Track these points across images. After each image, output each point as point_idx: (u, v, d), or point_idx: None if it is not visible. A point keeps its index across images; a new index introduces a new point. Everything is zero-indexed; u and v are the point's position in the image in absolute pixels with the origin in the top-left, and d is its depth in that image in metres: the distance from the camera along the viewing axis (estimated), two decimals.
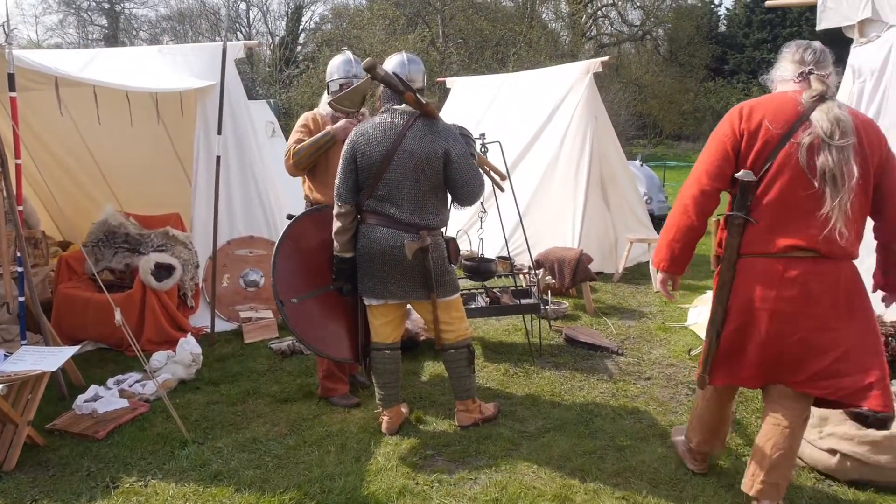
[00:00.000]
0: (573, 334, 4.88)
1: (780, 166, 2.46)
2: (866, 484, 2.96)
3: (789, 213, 2.47)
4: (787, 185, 2.45)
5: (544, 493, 2.91)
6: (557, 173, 6.90)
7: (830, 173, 2.38)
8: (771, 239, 2.50)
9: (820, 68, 2.57)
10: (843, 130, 2.38)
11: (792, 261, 2.48)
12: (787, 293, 2.48)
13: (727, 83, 29.87)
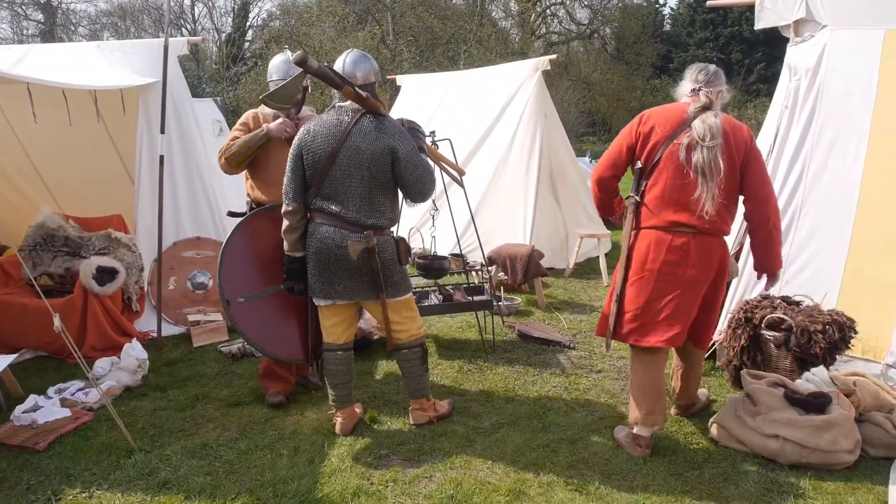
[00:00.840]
0: (526, 330, 4.93)
1: (665, 161, 3.11)
2: (806, 467, 3.07)
3: (673, 196, 3.11)
4: (670, 175, 3.10)
5: (499, 488, 2.93)
6: (508, 170, 6.96)
7: (702, 167, 3.02)
8: (661, 215, 3.14)
9: (710, 86, 3.18)
10: (713, 134, 3.01)
11: (678, 234, 3.11)
12: (672, 257, 3.11)
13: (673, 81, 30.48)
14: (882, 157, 4.36)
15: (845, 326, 3.67)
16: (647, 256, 3.15)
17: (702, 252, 3.10)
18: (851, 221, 4.39)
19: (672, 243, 3.11)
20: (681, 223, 3.09)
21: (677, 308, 3.12)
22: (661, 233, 3.13)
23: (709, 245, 3.12)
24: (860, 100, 4.50)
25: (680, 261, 3.10)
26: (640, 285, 3.17)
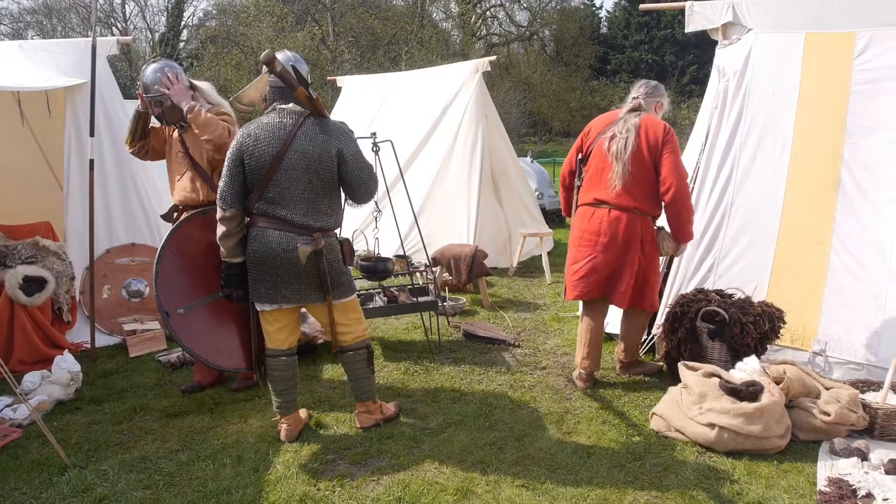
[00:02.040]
0: (471, 329, 4.96)
1: (595, 151, 3.95)
2: (742, 453, 3.20)
3: (596, 178, 3.93)
4: (597, 162, 3.94)
5: (447, 487, 2.94)
6: (450, 171, 6.99)
7: (615, 152, 3.81)
8: (588, 194, 3.96)
9: (650, 97, 4.00)
10: (628, 129, 3.81)
11: (597, 209, 3.89)
12: (590, 227, 3.90)
13: (610, 82, 31.37)
14: (805, 154, 4.58)
15: (775, 317, 3.83)
16: (578, 227, 3.99)
17: (612, 224, 3.84)
18: (779, 216, 4.59)
19: (593, 216, 3.90)
20: (600, 200, 3.88)
21: (591, 269, 3.90)
22: (587, 207, 3.96)
23: (619, 218, 3.82)
24: (784, 99, 4.71)
25: (596, 230, 3.88)
26: (572, 251, 4.05)
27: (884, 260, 4.21)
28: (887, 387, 3.42)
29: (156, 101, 3.77)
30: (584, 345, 4.03)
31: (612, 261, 3.87)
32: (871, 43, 4.47)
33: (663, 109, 4.16)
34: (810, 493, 2.87)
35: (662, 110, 4.16)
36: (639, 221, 3.84)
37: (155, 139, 3.99)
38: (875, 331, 4.09)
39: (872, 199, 4.33)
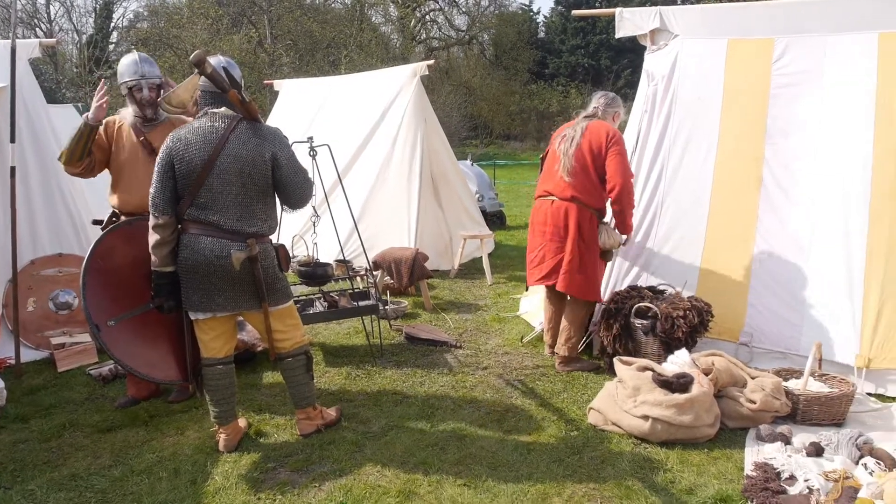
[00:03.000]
0: (413, 332, 4.98)
1: (551, 152, 4.41)
2: (674, 443, 3.32)
3: (547, 174, 4.40)
4: (549, 160, 4.40)
5: (389, 490, 2.95)
6: (391, 175, 6.99)
7: (563, 151, 4.23)
8: (540, 188, 4.46)
9: (608, 107, 4.45)
10: (575, 130, 4.27)
11: (546, 200, 4.33)
12: (538, 218, 4.37)
13: (548, 86, 31.91)
14: (729, 155, 4.78)
15: (703, 311, 3.99)
16: (531, 220, 4.48)
17: (555, 213, 4.25)
18: (706, 215, 4.78)
19: (540, 208, 4.37)
20: (548, 192, 4.33)
21: (543, 256, 4.33)
22: (538, 200, 4.43)
23: (560, 207, 4.24)
24: (709, 103, 4.91)
25: (543, 220, 4.32)
26: (529, 240, 4.50)
27: (803, 255, 4.44)
28: (807, 374, 3.60)
29: (154, 87, 3.66)
30: (546, 321, 4.61)
31: (558, 248, 4.25)
32: (787, 49, 4.71)
33: (620, 119, 4.61)
34: (738, 478, 3.00)
35: (619, 119, 4.60)
36: (578, 211, 4.18)
37: (98, 151, 3.70)
38: (796, 322, 4.31)
39: (792, 197, 4.56)
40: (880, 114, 4.35)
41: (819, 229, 4.43)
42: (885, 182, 4.25)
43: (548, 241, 4.30)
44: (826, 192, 4.44)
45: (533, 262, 4.42)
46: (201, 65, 2.91)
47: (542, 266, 4.34)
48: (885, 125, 4.32)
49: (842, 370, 3.99)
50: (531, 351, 4.75)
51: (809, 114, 4.59)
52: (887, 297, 4.07)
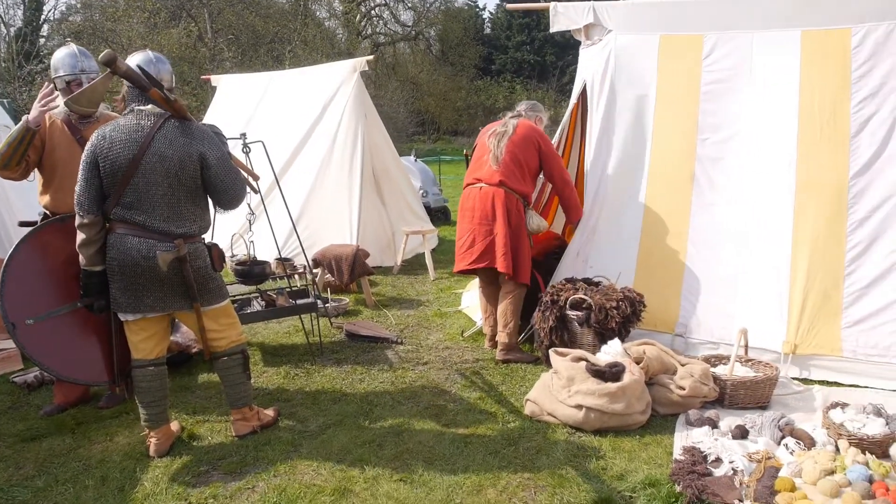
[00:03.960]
0: (354, 329, 4.94)
1: (478, 145, 4.67)
2: (607, 431, 3.39)
3: (476, 164, 4.59)
4: (478, 153, 4.64)
5: (324, 488, 2.92)
6: (331, 171, 6.92)
7: (492, 145, 4.47)
8: (469, 177, 4.61)
9: (531, 111, 4.78)
10: (505, 125, 4.53)
11: (474, 188, 4.51)
12: (466, 204, 4.54)
13: (495, 82, 32.14)
14: (663, 150, 4.90)
15: (636, 301, 4.09)
16: (460, 207, 4.62)
17: (483, 198, 4.42)
18: (641, 210, 4.89)
19: (469, 195, 4.54)
20: (477, 179, 4.51)
21: (472, 241, 4.46)
22: (467, 188, 4.60)
23: (487, 193, 4.41)
24: (644, 98, 5.01)
25: (471, 206, 4.48)
26: (457, 228, 4.65)
27: (734, 247, 4.58)
28: (733, 360, 3.73)
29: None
30: (484, 310, 4.72)
31: (488, 231, 4.41)
32: (716, 45, 4.85)
33: (542, 124, 4.83)
34: (667, 463, 3.09)
35: (542, 124, 4.83)
36: (505, 196, 4.37)
37: (33, 152, 3.52)
38: (728, 312, 4.44)
39: (723, 192, 4.70)
40: (803, 109, 4.52)
41: (748, 222, 4.58)
42: (808, 175, 4.43)
43: (476, 226, 4.43)
44: (754, 187, 4.60)
45: (462, 247, 4.53)
46: (112, 64, 2.81)
47: (472, 250, 4.46)
48: (808, 120, 4.50)
49: (772, 357, 4.14)
50: (472, 345, 4.78)
51: (739, 109, 4.74)
52: (811, 286, 4.25)
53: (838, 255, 4.27)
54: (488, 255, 4.42)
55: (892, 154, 4.30)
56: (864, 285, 4.17)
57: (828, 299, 4.19)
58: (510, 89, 30.38)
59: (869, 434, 3.14)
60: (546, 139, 4.59)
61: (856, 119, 4.41)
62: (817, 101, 4.49)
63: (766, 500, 2.76)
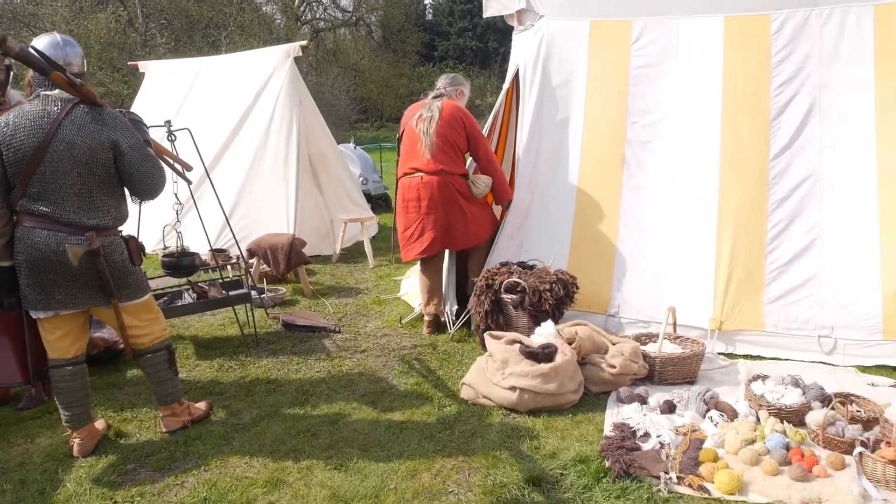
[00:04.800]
0: (290, 319, 4.87)
1: (407, 131, 4.63)
2: (541, 411, 3.44)
3: (410, 151, 4.57)
4: (409, 139, 4.60)
5: (256, 481, 2.88)
6: (266, 160, 6.77)
7: (423, 131, 4.46)
8: (405, 165, 4.62)
9: (451, 86, 4.73)
10: (431, 110, 4.51)
11: (414, 178, 4.52)
12: (410, 195, 4.54)
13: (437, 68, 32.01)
14: (595, 134, 4.98)
15: (569, 283, 4.15)
16: (401, 197, 4.60)
17: (426, 188, 4.46)
18: (574, 191, 4.96)
19: (409, 185, 4.52)
20: (415, 168, 4.50)
21: (422, 230, 4.51)
22: (405, 178, 4.57)
23: (430, 182, 4.45)
24: (575, 82, 5.07)
25: (415, 196, 4.50)
26: (401, 218, 4.66)
27: (662, 229, 4.70)
28: (661, 338, 3.84)
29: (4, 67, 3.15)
30: (426, 292, 4.72)
31: (441, 217, 4.49)
32: (645, 30, 4.94)
33: (465, 97, 4.83)
34: (598, 440, 3.16)
35: (464, 98, 4.82)
36: (448, 180, 4.48)
37: None
38: (658, 292, 4.56)
39: (651, 174, 4.81)
40: (727, 93, 4.66)
41: (676, 203, 4.70)
42: (732, 157, 4.57)
43: (424, 216, 4.50)
44: (681, 168, 4.72)
45: (412, 238, 4.57)
46: (2, 45, 2.65)
47: (422, 239, 4.53)
48: (731, 104, 4.64)
49: (699, 333, 4.28)
50: (410, 331, 4.78)
51: (666, 93, 4.84)
52: (735, 264, 4.40)
53: (760, 233, 4.44)
54: (443, 243, 4.57)
55: (809, 137, 4.49)
56: (784, 262, 4.34)
57: (751, 276, 4.36)
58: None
59: (787, 404, 3.29)
60: (471, 118, 4.65)
61: (776, 102, 4.57)
62: (740, 85, 4.63)
63: (690, 470, 2.86)
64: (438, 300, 4.73)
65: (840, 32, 4.42)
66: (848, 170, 4.37)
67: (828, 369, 3.94)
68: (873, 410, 3.18)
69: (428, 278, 4.74)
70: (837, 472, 2.82)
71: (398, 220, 4.72)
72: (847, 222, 4.30)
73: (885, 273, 4.12)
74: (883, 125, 4.32)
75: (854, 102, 4.40)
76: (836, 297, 4.18)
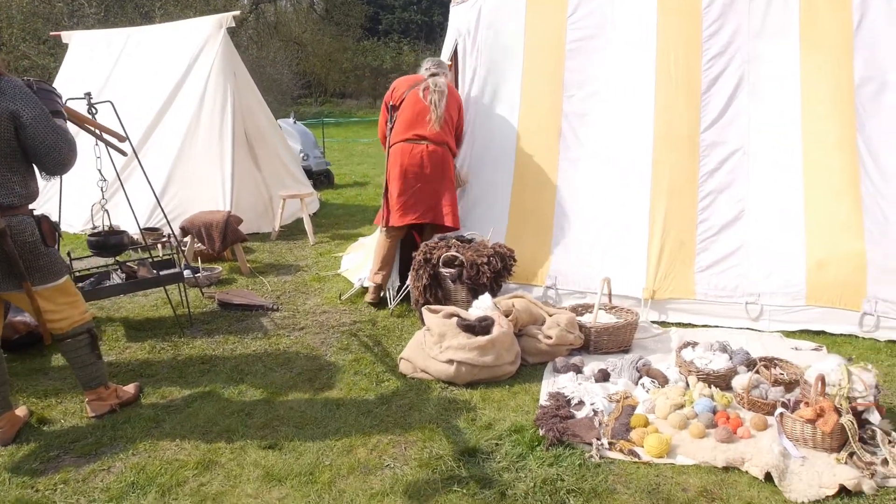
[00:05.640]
0: (226, 298, 4.76)
1: (409, 99, 4.66)
2: (478, 383, 3.47)
3: (415, 119, 4.60)
4: (413, 107, 4.62)
5: (187, 463, 2.81)
6: (200, 135, 6.55)
7: (434, 101, 4.55)
8: (408, 131, 4.60)
9: (437, 68, 4.76)
10: (439, 85, 4.60)
11: (418, 145, 4.56)
12: (412, 161, 4.56)
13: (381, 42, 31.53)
14: (532, 107, 4.99)
15: (506, 256, 4.17)
16: (398, 163, 4.58)
17: (432, 156, 4.56)
18: (512, 165, 4.97)
19: (412, 151, 4.56)
20: (420, 136, 4.56)
21: (419, 197, 4.57)
22: (406, 144, 4.58)
23: (435, 152, 4.56)
24: (512, 56, 5.06)
25: (418, 163, 4.55)
26: (396, 184, 4.60)
27: (598, 202, 4.76)
28: (597, 308, 3.90)
29: None
30: (381, 261, 4.73)
31: (437, 187, 4.59)
32: (580, 3, 4.95)
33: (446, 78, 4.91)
34: (534, 410, 3.20)
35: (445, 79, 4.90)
36: (448, 155, 4.66)
37: None
38: (594, 263, 4.63)
39: (588, 147, 4.85)
40: (660, 66, 4.72)
41: (611, 176, 4.77)
42: (665, 129, 4.65)
43: (424, 183, 4.56)
44: (616, 141, 4.78)
45: (406, 204, 4.59)
46: None
47: (418, 205, 4.60)
48: (664, 76, 4.71)
49: (633, 303, 4.37)
50: (350, 307, 4.73)
51: (601, 66, 4.88)
52: (668, 235, 4.50)
53: (692, 204, 4.55)
54: (432, 212, 4.64)
55: (738, 109, 4.60)
56: (713, 232, 4.47)
57: (682, 246, 4.46)
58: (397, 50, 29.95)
59: (714, 369, 3.39)
60: (459, 98, 4.88)
61: (706, 76, 4.66)
62: (672, 57, 4.70)
63: (621, 436, 2.93)
64: (388, 272, 4.75)
65: (767, 7, 4.53)
66: (774, 142, 4.51)
67: (755, 335, 4.09)
68: (795, 373, 3.31)
69: (391, 248, 4.76)
70: (760, 432, 2.94)
71: (392, 185, 4.65)
72: (773, 193, 4.44)
73: (809, 242, 4.28)
74: (808, 99, 4.46)
75: (780, 76, 4.52)
76: (762, 266, 4.33)
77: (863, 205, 4.25)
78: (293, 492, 2.61)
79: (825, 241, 4.24)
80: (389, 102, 4.82)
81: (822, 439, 2.76)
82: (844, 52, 4.41)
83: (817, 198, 4.35)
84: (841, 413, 2.76)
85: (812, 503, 2.47)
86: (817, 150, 4.42)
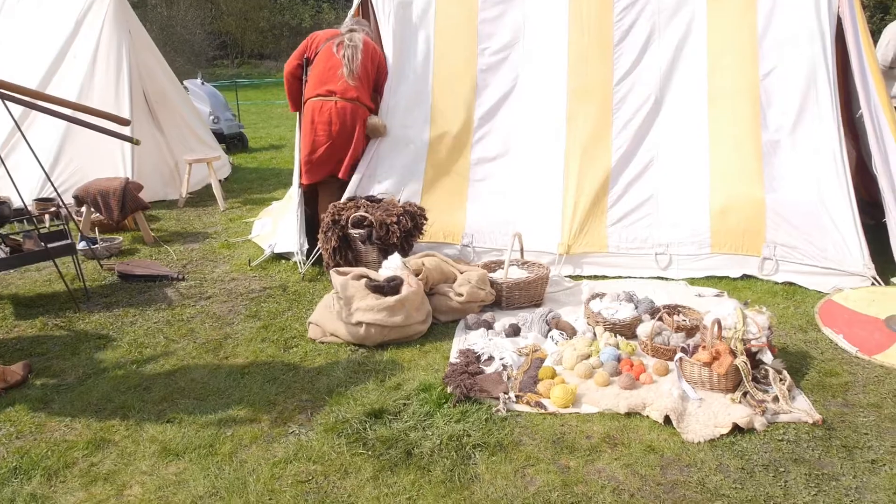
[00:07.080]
0: (127, 269, 4.51)
1: (323, 54, 4.66)
2: (389, 344, 3.42)
3: (326, 74, 4.58)
4: (325, 62, 4.62)
5: (76, 443, 2.65)
6: (94, 97, 6.09)
7: (347, 58, 4.54)
8: (319, 87, 4.58)
9: (356, 24, 4.72)
10: (353, 41, 4.59)
11: (328, 101, 4.54)
12: (322, 118, 4.54)
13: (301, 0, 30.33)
14: (446, 61, 4.89)
15: (416, 215, 4.10)
16: (310, 119, 4.57)
17: (340, 113, 4.51)
18: (428, 122, 4.87)
19: (322, 108, 4.53)
20: (331, 91, 4.53)
21: (330, 153, 4.58)
22: (317, 100, 4.56)
23: (345, 108, 4.52)
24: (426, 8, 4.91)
25: (327, 120, 4.52)
26: (307, 139, 4.60)
27: (514, 157, 4.75)
28: (507, 263, 3.89)
29: None
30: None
31: (345, 143, 4.58)
32: None
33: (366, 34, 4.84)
34: (444, 367, 3.17)
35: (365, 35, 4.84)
36: (359, 109, 4.59)
37: None
38: (510, 220, 4.61)
39: (504, 104, 4.80)
40: (573, 18, 4.70)
41: (526, 131, 4.75)
42: (578, 82, 4.65)
43: (335, 139, 4.55)
44: (531, 96, 4.75)
45: (319, 160, 4.60)
46: None
47: (328, 162, 4.62)
48: (577, 29, 4.69)
49: (550, 258, 4.39)
50: (260, 274, 4.57)
51: (514, 19, 4.82)
52: (582, 189, 4.53)
53: (606, 158, 4.58)
54: (337, 166, 4.65)
55: (649, 61, 4.63)
56: (625, 185, 4.53)
57: (597, 200, 4.50)
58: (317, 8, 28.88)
59: (620, 318, 3.45)
60: (381, 54, 4.83)
61: (618, 28, 4.67)
62: (584, 10, 4.67)
63: (529, 389, 2.95)
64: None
65: None
66: (682, 93, 4.57)
67: (661, 283, 4.20)
68: (696, 319, 3.40)
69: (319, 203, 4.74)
70: (662, 377, 3.01)
71: (303, 142, 4.63)
72: (680, 143, 4.53)
73: (713, 190, 4.40)
74: (714, 49, 4.53)
75: (688, 27, 4.57)
76: (670, 216, 4.42)
77: (762, 152, 4.38)
78: (191, 465, 2.50)
79: (728, 190, 4.37)
80: (305, 55, 4.80)
81: (718, 381, 2.85)
82: (749, 4, 4.49)
83: (720, 147, 4.46)
84: (736, 355, 2.85)
85: (707, 442, 2.55)
86: (722, 100, 4.51)
